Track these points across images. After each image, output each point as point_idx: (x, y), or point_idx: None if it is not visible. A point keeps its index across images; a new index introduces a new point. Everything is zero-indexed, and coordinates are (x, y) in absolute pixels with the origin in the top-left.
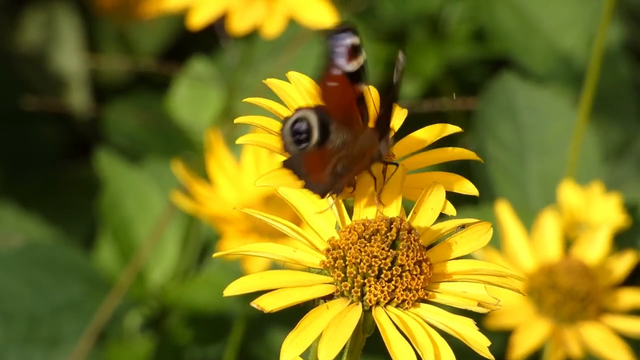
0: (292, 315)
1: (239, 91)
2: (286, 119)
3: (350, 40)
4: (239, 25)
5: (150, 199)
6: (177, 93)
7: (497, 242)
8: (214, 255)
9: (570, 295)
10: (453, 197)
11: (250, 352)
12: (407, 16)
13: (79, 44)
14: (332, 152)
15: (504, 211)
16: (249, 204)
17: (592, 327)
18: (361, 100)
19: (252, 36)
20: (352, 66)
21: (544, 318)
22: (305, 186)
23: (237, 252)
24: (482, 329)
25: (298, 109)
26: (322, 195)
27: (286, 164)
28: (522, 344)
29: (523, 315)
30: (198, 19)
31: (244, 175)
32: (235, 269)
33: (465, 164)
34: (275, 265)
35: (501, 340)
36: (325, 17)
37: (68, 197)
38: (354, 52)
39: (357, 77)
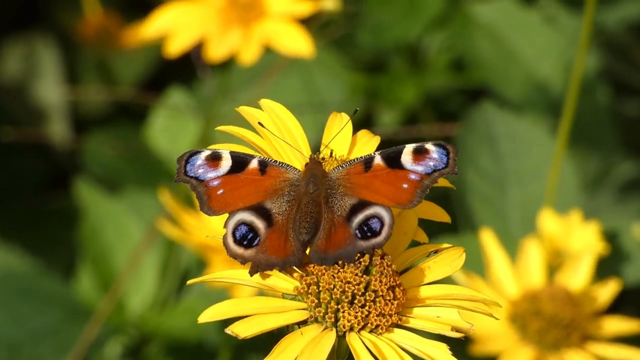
0: (273, 344)
1: (216, 120)
2: (224, 239)
3: (199, 158)
4: (215, 52)
5: (129, 228)
6: (155, 123)
7: (481, 269)
8: (188, 282)
9: (554, 322)
10: (433, 227)
11: None
12: (386, 46)
13: (60, 75)
14: (285, 218)
15: (488, 239)
16: None
17: (575, 354)
18: (264, 167)
19: (229, 65)
20: (224, 168)
21: (528, 345)
22: (284, 267)
23: (210, 279)
24: (465, 355)
25: (225, 224)
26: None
27: (254, 271)
28: None
29: (507, 342)
30: (175, 47)
31: None
32: (215, 298)
33: (444, 193)
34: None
35: None
36: (301, 44)
37: (48, 228)
38: (214, 159)
39: (240, 164)
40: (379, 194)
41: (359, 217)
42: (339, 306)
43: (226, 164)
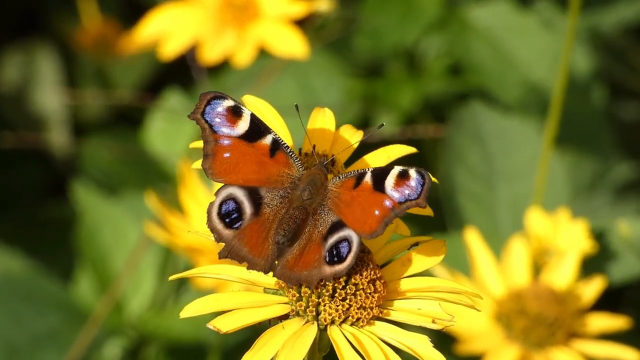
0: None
1: None
2: (209, 206)
3: (222, 105)
4: (209, 55)
5: (126, 230)
6: (152, 126)
7: (467, 269)
8: (171, 277)
9: (538, 321)
10: (422, 225)
11: None
12: (383, 51)
13: (59, 83)
14: (272, 215)
15: (472, 238)
16: None
17: (561, 352)
18: (275, 148)
19: (225, 67)
20: (239, 129)
21: (513, 343)
22: (251, 267)
23: (193, 274)
24: (450, 353)
25: (217, 192)
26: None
27: (223, 255)
28: None
29: (492, 341)
30: (169, 50)
31: None
32: None
33: (433, 192)
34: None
35: None
36: (296, 46)
37: (48, 234)
38: (233, 114)
39: (255, 133)
40: (353, 217)
41: (333, 239)
42: (320, 300)
43: (243, 125)
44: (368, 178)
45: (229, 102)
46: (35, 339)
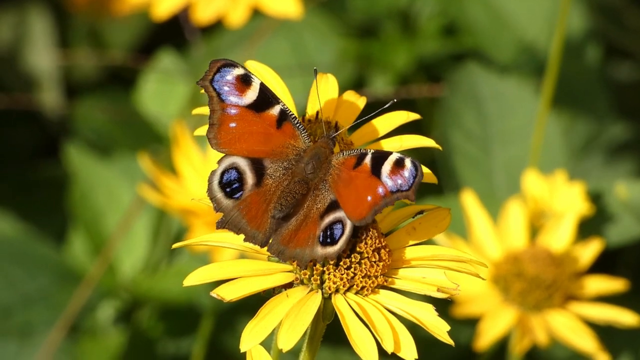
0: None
1: None
2: (210, 174)
3: (232, 73)
4: (202, 15)
5: (119, 191)
6: (145, 87)
7: (463, 231)
8: (174, 245)
9: (536, 283)
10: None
11: (221, 343)
12: (377, 11)
13: (51, 43)
14: (274, 186)
15: (469, 200)
16: None
17: (558, 314)
18: (282, 119)
19: (219, 27)
20: (248, 98)
21: (510, 306)
22: (248, 240)
23: (196, 243)
24: (448, 317)
25: (219, 161)
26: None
27: (221, 226)
28: (489, 331)
29: (489, 304)
30: (162, 10)
31: (210, 167)
32: (207, 261)
33: (429, 155)
34: (244, 257)
35: (468, 328)
36: (289, 6)
37: (41, 195)
38: (243, 82)
39: (263, 103)
40: (348, 199)
41: (329, 219)
42: (325, 268)
43: (252, 95)
44: (368, 160)
45: (239, 71)
46: (27, 300)
